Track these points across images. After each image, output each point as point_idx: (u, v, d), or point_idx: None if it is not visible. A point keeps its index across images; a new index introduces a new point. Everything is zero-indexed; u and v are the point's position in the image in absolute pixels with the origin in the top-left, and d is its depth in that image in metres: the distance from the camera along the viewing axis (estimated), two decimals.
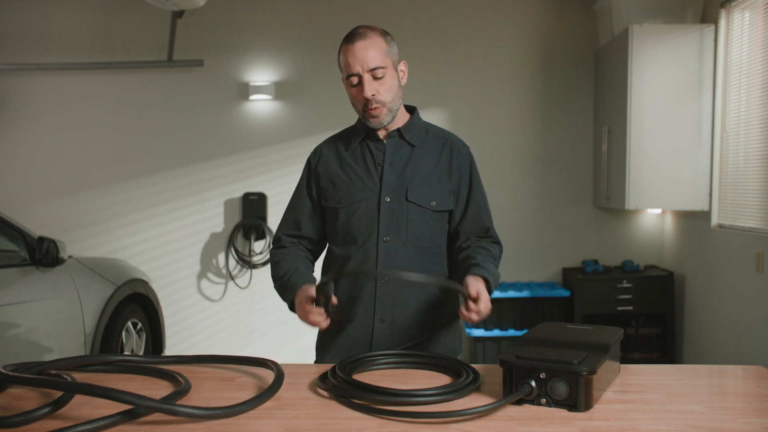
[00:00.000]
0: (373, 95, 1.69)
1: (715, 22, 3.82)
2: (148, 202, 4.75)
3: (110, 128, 4.76)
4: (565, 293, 4.34)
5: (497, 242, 1.84)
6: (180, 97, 4.72)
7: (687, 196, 3.91)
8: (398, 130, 1.79)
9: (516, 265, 4.71)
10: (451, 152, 1.81)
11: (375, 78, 1.69)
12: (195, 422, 1.23)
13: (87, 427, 1.17)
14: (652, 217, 4.66)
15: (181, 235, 4.76)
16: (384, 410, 1.27)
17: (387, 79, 1.70)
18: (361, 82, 1.69)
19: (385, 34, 1.74)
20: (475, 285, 1.57)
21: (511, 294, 4.31)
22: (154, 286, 4.11)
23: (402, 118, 1.81)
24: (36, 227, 4.02)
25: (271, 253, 1.88)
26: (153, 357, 1.72)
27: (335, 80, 4.66)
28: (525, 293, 4.33)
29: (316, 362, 1.84)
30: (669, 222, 4.54)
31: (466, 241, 1.81)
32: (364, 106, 1.72)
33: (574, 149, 4.69)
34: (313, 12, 4.67)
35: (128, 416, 1.22)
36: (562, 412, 1.27)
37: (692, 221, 4.15)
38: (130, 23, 4.71)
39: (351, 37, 1.70)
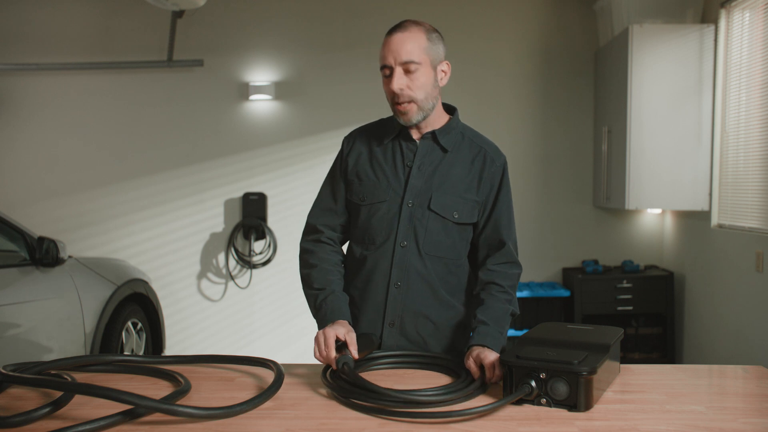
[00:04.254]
0: (401, 89, 1.62)
1: (715, 22, 3.82)
2: (148, 202, 4.75)
3: (110, 128, 4.76)
4: (565, 293, 4.34)
5: (514, 262, 1.74)
6: (180, 97, 4.72)
7: (687, 196, 3.91)
8: (433, 132, 1.71)
9: None
10: (484, 161, 1.72)
11: (407, 72, 1.62)
12: (195, 422, 1.23)
13: (87, 427, 1.17)
14: (652, 217, 4.66)
15: (181, 235, 4.75)
16: (384, 410, 1.27)
17: (420, 75, 1.63)
18: (392, 75, 1.63)
19: (431, 31, 1.68)
20: (487, 359, 1.45)
21: None
22: (154, 286, 4.11)
23: (439, 120, 1.74)
24: (36, 227, 4.02)
25: (304, 246, 1.79)
26: (153, 357, 1.73)
27: (335, 80, 4.70)
28: (525, 293, 4.33)
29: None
30: (669, 222, 4.54)
31: (482, 269, 1.72)
32: (393, 101, 1.66)
33: (574, 149, 4.69)
34: (313, 12, 4.67)
35: (128, 416, 1.22)
36: (562, 412, 1.27)
37: (692, 221, 4.15)
38: (130, 23, 4.70)
39: (393, 29, 1.65)
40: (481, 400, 1.34)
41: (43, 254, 2.98)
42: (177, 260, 4.76)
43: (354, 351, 1.50)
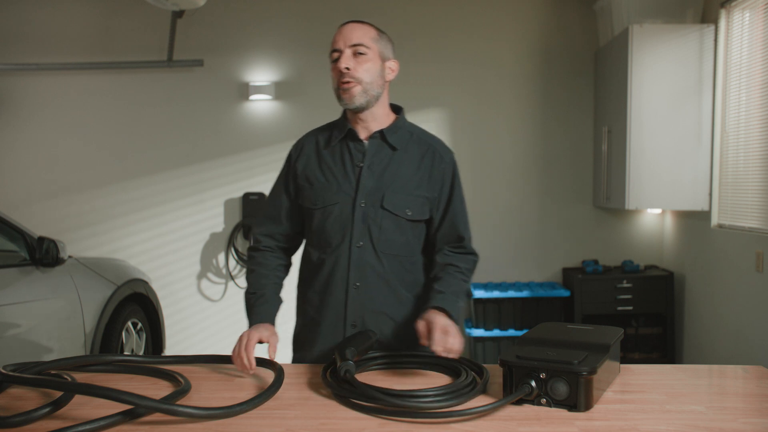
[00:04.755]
0: (347, 68, 1.66)
1: (715, 22, 3.82)
2: (148, 202, 4.75)
3: (110, 128, 4.76)
4: (565, 293, 4.34)
5: (471, 253, 1.79)
6: (180, 97, 4.72)
7: (687, 196, 3.91)
8: (381, 131, 1.74)
9: (516, 265, 4.71)
10: (433, 158, 1.76)
11: (355, 55, 1.68)
12: (195, 422, 1.23)
13: (87, 427, 1.17)
14: (652, 217, 4.66)
15: (181, 235, 4.75)
16: (384, 410, 1.27)
17: (367, 59, 1.68)
18: (340, 58, 1.68)
19: (380, 30, 1.76)
20: (440, 321, 1.51)
21: (511, 294, 4.31)
22: (154, 286, 4.11)
23: (386, 119, 1.77)
24: (36, 227, 4.02)
25: (248, 255, 1.86)
26: (153, 357, 1.73)
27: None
28: (525, 293, 4.32)
29: (294, 360, 1.83)
30: (669, 222, 4.54)
31: (439, 254, 1.77)
32: (338, 81, 1.69)
33: (574, 149, 4.69)
34: (313, 12, 4.67)
35: (128, 416, 1.22)
36: (562, 412, 1.27)
37: (692, 221, 4.15)
38: (130, 23, 4.70)
39: (345, 22, 1.74)
40: (481, 400, 1.34)
41: (43, 254, 2.98)
42: (177, 260, 4.76)
43: (273, 354, 1.58)
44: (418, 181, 1.73)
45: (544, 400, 1.30)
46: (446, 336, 1.47)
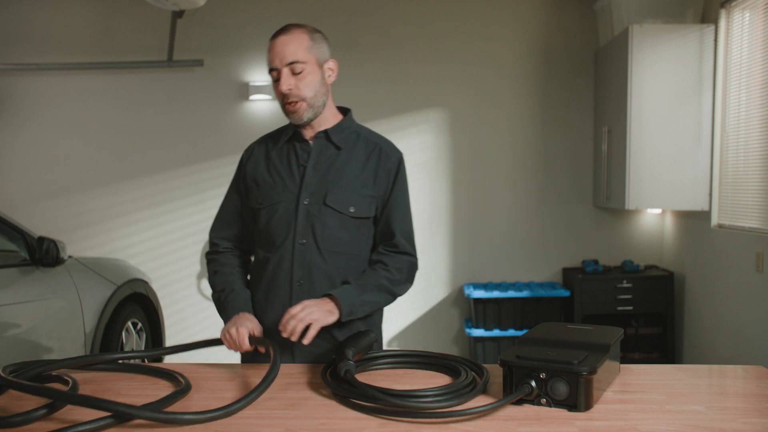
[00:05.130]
0: (289, 89, 1.68)
1: (715, 22, 3.82)
2: (148, 202, 4.75)
3: (110, 128, 4.75)
4: (565, 293, 4.34)
5: (405, 253, 1.77)
6: (180, 97, 4.72)
7: (687, 196, 3.91)
8: (326, 131, 1.76)
9: (516, 265, 4.71)
10: (379, 157, 1.76)
11: (294, 73, 1.68)
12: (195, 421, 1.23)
13: (82, 428, 1.16)
14: (652, 217, 4.66)
15: (181, 235, 4.75)
16: (384, 410, 1.27)
17: (306, 74, 1.68)
18: (280, 77, 1.69)
19: (313, 31, 1.73)
20: (293, 309, 1.58)
21: (511, 294, 4.31)
22: (154, 286, 4.11)
23: (332, 119, 1.79)
24: (36, 227, 4.02)
25: (206, 258, 1.89)
26: (151, 351, 1.77)
27: (335, 80, 4.69)
28: (525, 293, 4.33)
29: (243, 360, 1.82)
30: (669, 222, 4.54)
31: (374, 252, 1.78)
32: (283, 101, 1.71)
33: (574, 149, 4.69)
34: (313, 12, 4.67)
35: (122, 419, 1.22)
36: (562, 412, 1.27)
37: (692, 221, 4.15)
38: (130, 23, 4.70)
39: (276, 33, 1.71)
40: (481, 400, 1.34)
41: (43, 254, 2.98)
42: (177, 260, 4.76)
43: (261, 340, 1.62)
44: (364, 180, 1.74)
45: (544, 400, 1.30)
46: (290, 319, 1.55)
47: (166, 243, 4.75)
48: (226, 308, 1.75)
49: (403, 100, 4.67)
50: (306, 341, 1.56)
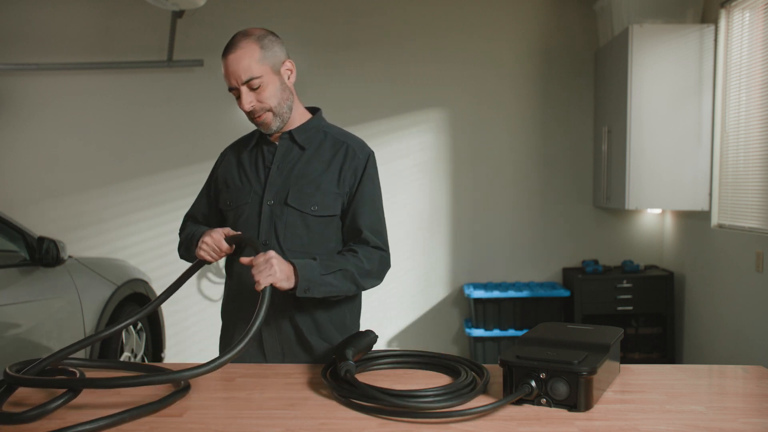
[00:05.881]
0: (252, 106, 1.68)
1: (715, 22, 3.83)
2: (148, 202, 4.75)
3: (110, 128, 4.75)
4: (565, 293, 4.34)
5: (377, 247, 1.73)
6: (180, 97, 4.72)
7: (687, 196, 3.91)
8: (290, 132, 1.77)
9: (516, 265, 4.71)
10: (345, 155, 1.75)
11: (252, 89, 1.66)
12: (195, 422, 1.24)
13: (85, 428, 1.17)
14: (652, 217, 4.66)
15: None
16: (384, 410, 1.27)
17: (265, 86, 1.67)
18: (240, 96, 1.68)
19: (261, 38, 1.67)
20: (259, 257, 1.55)
21: (511, 294, 4.31)
22: (154, 286, 4.11)
23: (300, 119, 1.79)
24: (36, 227, 4.02)
25: (179, 236, 1.93)
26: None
27: (335, 80, 4.70)
28: (525, 293, 4.33)
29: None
30: (669, 222, 4.54)
31: (345, 247, 1.75)
32: (249, 116, 1.72)
33: (574, 149, 4.69)
34: (313, 12, 4.67)
35: (129, 415, 1.23)
36: (562, 412, 1.27)
37: (692, 221, 4.15)
38: (130, 23, 4.70)
39: (225, 50, 1.67)
40: (481, 400, 1.34)
41: (43, 254, 2.98)
42: (177, 260, 4.70)
43: (236, 237, 1.66)
44: (328, 178, 1.73)
45: (544, 400, 1.30)
46: (259, 264, 1.52)
47: (166, 243, 4.75)
48: (193, 238, 1.77)
49: (403, 100, 4.67)
50: (257, 288, 1.52)
